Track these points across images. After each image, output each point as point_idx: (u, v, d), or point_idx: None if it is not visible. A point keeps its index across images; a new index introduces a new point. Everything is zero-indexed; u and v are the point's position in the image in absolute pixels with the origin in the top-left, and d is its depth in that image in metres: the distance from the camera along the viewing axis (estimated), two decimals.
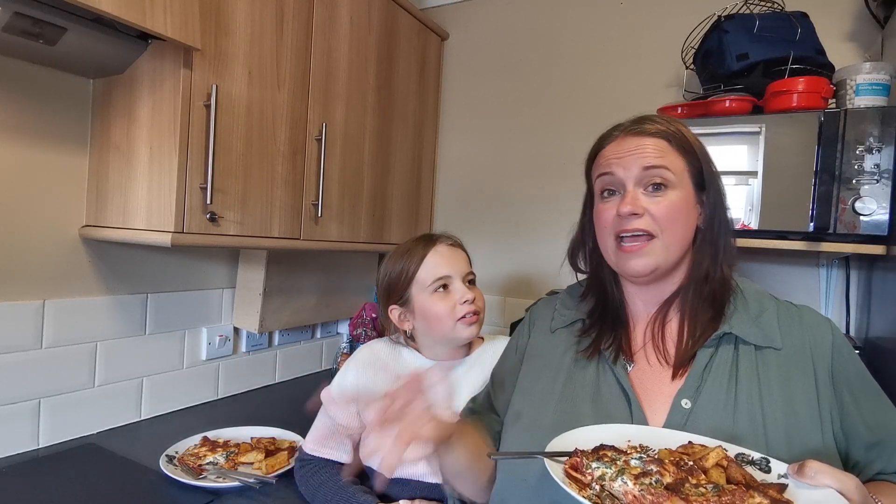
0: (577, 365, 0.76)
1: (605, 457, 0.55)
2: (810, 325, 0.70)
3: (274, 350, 1.78)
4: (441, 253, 1.04)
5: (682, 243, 0.71)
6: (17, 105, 1.12)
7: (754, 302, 0.73)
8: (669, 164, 0.70)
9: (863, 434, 0.64)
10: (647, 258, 0.70)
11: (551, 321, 0.84)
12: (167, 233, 1.08)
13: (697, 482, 0.51)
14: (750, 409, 0.64)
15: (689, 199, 0.71)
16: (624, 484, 0.51)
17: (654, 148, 0.70)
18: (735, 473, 0.53)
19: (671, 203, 0.69)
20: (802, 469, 0.52)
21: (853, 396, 0.66)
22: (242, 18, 1.20)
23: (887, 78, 1.13)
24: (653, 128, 0.72)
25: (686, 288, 0.73)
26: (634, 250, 0.70)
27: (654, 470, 0.52)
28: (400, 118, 1.80)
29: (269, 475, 1.09)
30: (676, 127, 0.73)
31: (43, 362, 1.19)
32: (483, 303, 1.06)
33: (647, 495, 0.49)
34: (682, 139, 0.72)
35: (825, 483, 0.50)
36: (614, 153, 0.73)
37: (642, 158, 0.70)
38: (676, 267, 0.73)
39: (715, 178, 0.73)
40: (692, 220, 0.72)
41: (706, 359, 0.69)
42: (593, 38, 1.78)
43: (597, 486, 0.52)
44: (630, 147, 0.71)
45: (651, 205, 0.69)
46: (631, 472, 0.52)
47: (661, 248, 0.69)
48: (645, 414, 0.68)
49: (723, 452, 0.55)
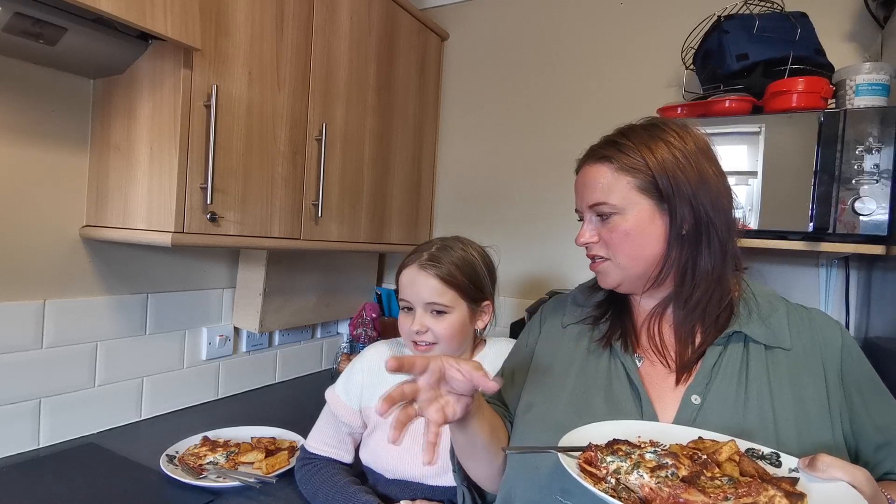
0: (591, 355, 0.77)
1: (619, 451, 0.55)
2: (820, 327, 0.71)
3: (274, 350, 1.78)
4: (406, 276, 1.02)
5: (641, 258, 0.72)
6: (17, 105, 1.12)
7: (765, 303, 0.73)
8: (609, 192, 0.72)
9: (872, 435, 0.65)
10: (607, 277, 0.76)
11: (563, 317, 0.85)
12: (167, 233, 1.08)
13: (712, 475, 0.51)
14: (760, 407, 0.65)
15: (642, 214, 0.70)
16: (640, 477, 0.51)
17: (595, 179, 0.74)
18: (748, 467, 0.54)
19: (616, 227, 0.72)
20: (814, 462, 0.52)
21: (862, 398, 0.67)
22: (242, 18, 1.20)
23: (887, 78, 1.13)
24: (598, 154, 0.74)
25: (676, 292, 0.73)
26: (597, 269, 0.77)
27: (670, 463, 0.52)
28: (400, 118, 1.81)
29: (270, 475, 1.09)
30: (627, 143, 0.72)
31: (43, 362, 1.19)
32: (445, 331, 0.99)
33: (663, 487, 0.49)
34: (628, 158, 0.71)
35: (837, 476, 0.51)
36: (577, 184, 0.78)
37: (586, 194, 0.75)
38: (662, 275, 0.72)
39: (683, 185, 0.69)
40: (654, 232, 0.71)
41: (715, 356, 0.69)
42: (593, 38, 1.78)
43: (612, 479, 0.52)
44: (583, 179, 0.76)
45: (603, 231, 0.74)
46: (647, 465, 0.52)
47: (615, 268, 0.74)
48: (655, 409, 0.68)
49: (735, 446, 0.56)
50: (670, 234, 0.70)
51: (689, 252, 0.70)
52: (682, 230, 0.70)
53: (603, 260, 0.75)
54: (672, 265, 0.71)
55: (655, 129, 0.73)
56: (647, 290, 0.74)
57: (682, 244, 0.70)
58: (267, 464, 1.11)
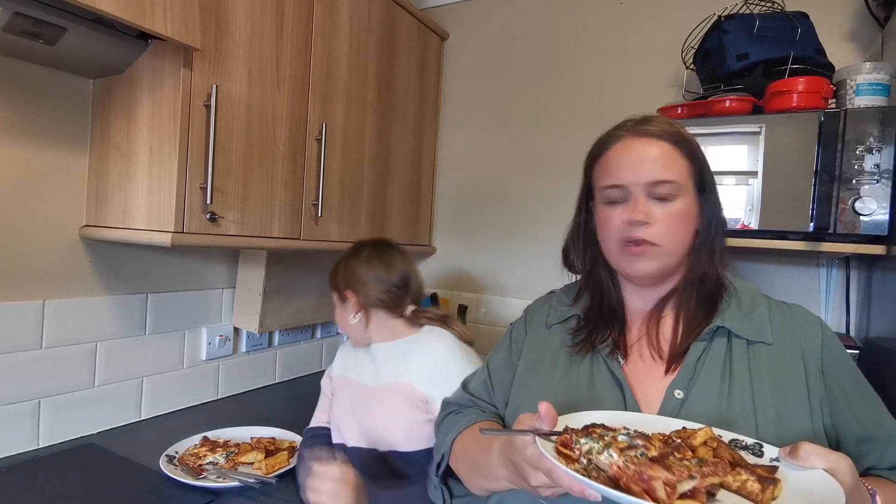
0: (573, 360, 0.77)
1: (593, 433, 0.56)
2: (801, 322, 0.72)
3: (274, 350, 1.78)
4: None
5: (682, 247, 0.72)
6: (17, 105, 1.12)
7: (747, 299, 0.74)
8: (676, 173, 0.70)
9: (854, 429, 0.66)
10: (650, 262, 0.71)
11: (547, 317, 0.85)
12: (167, 233, 1.08)
13: (683, 457, 0.52)
14: (742, 401, 0.66)
15: (691, 204, 0.72)
16: (609, 457, 0.51)
17: (660, 155, 0.70)
18: (723, 453, 0.54)
19: (677, 212, 0.70)
20: (795, 451, 0.53)
21: (843, 392, 0.67)
22: (242, 18, 1.20)
23: (887, 78, 1.13)
24: (658, 129, 0.71)
25: (682, 287, 0.75)
26: (639, 253, 0.70)
27: (640, 444, 0.53)
28: (400, 118, 1.80)
29: (270, 475, 1.09)
30: (678, 129, 0.73)
31: (43, 362, 1.19)
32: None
33: (630, 465, 0.49)
34: (686, 143, 0.72)
35: (817, 464, 0.51)
36: (620, 159, 0.72)
37: (650, 169, 0.69)
38: (676, 267, 0.74)
39: (713, 182, 0.74)
40: (692, 224, 0.73)
41: (699, 352, 0.70)
42: (593, 38, 1.78)
43: (584, 460, 0.53)
44: (636, 152, 0.71)
45: (659, 214, 0.70)
46: (618, 445, 0.53)
47: (664, 255, 0.71)
48: (639, 404, 0.69)
49: (711, 432, 0.57)
50: (699, 227, 0.73)
51: (706, 246, 0.73)
52: (703, 224, 0.73)
53: (650, 246, 0.70)
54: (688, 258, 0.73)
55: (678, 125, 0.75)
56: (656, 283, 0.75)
57: (701, 237, 0.73)
58: (267, 464, 1.11)
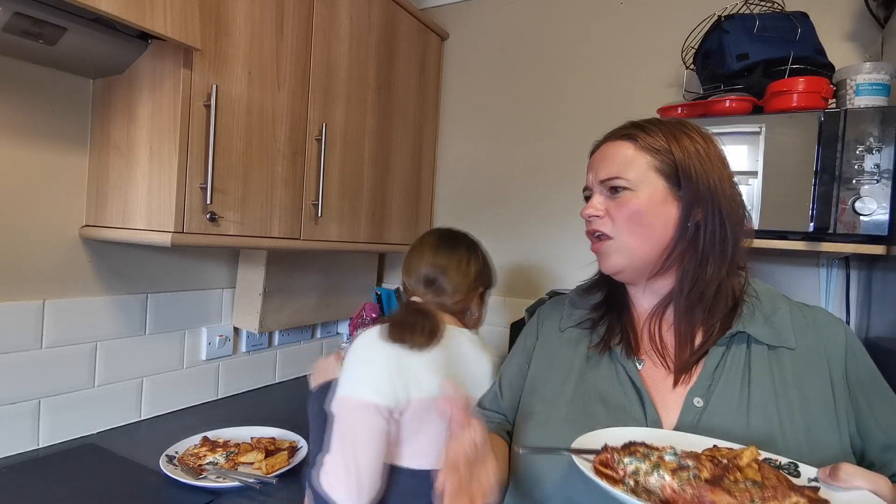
0: (589, 364, 0.75)
1: (636, 452, 0.53)
2: (823, 325, 0.69)
3: (274, 350, 1.78)
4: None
5: (648, 244, 0.70)
6: (17, 105, 1.12)
7: (767, 302, 0.71)
8: (631, 169, 0.70)
9: (878, 436, 0.64)
10: (610, 258, 0.73)
11: (560, 320, 0.83)
12: (167, 233, 1.08)
13: (735, 478, 0.49)
14: (765, 408, 0.64)
15: (655, 195, 0.69)
16: (661, 478, 0.49)
17: (615, 153, 0.72)
18: (769, 473, 0.52)
19: (630, 205, 0.70)
20: (836, 472, 0.51)
21: (867, 398, 0.65)
22: (242, 18, 1.20)
23: (887, 78, 1.13)
24: (624, 130, 0.74)
25: (678, 292, 0.71)
26: (598, 250, 0.75)
27: (692, 465, 0.51)
28: (400, 118, 1.80)
29: (269, 475, 1.09)
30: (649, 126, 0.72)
31: (43, 362, 1.19)
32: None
33: (686, 488, 0.47)
34: (654, 139, 0.71)
35: (862, 486, 0.50)
36: (591, 163, 0.77)
37: (603, 168, 0.73)
38: (665, 265, 0.70)
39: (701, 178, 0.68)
40: (665, 216, 0.69)
41: (717, 357, 0.68)
42: (593, 38, 1.78)
43: (630, 480, 0.51)
44: (601, 155, 0.75)
45: (611, 206, 0.72)
46: (667, 466, 0.50)
47: (620, 248, 0.71)
48: (658, 412, 0.67)
49: (756, 452, 0.54)
50: (680, 221, 0.68)
51: (695, 248, 0.68)
52: (692, 221, 0.68)
53: (606, 239, 0.72)
54: (677, 257, 0.69)
55: (681, 126, 0.73)
56: (648, 283, 0.73)
57: (689, 237, 0.68)
58: (267, 464, 1.11)
